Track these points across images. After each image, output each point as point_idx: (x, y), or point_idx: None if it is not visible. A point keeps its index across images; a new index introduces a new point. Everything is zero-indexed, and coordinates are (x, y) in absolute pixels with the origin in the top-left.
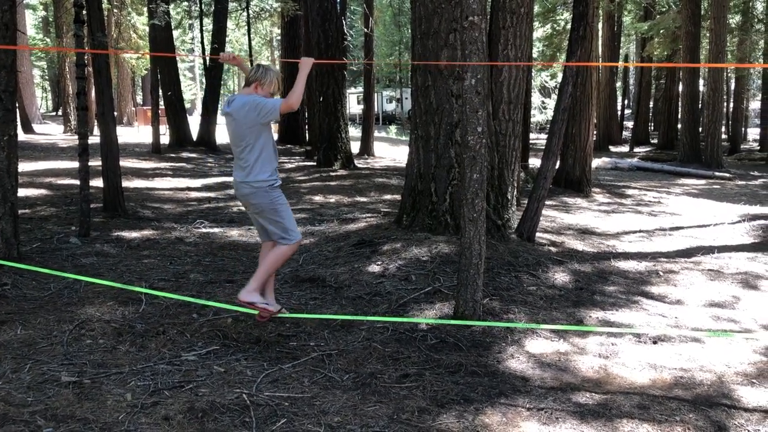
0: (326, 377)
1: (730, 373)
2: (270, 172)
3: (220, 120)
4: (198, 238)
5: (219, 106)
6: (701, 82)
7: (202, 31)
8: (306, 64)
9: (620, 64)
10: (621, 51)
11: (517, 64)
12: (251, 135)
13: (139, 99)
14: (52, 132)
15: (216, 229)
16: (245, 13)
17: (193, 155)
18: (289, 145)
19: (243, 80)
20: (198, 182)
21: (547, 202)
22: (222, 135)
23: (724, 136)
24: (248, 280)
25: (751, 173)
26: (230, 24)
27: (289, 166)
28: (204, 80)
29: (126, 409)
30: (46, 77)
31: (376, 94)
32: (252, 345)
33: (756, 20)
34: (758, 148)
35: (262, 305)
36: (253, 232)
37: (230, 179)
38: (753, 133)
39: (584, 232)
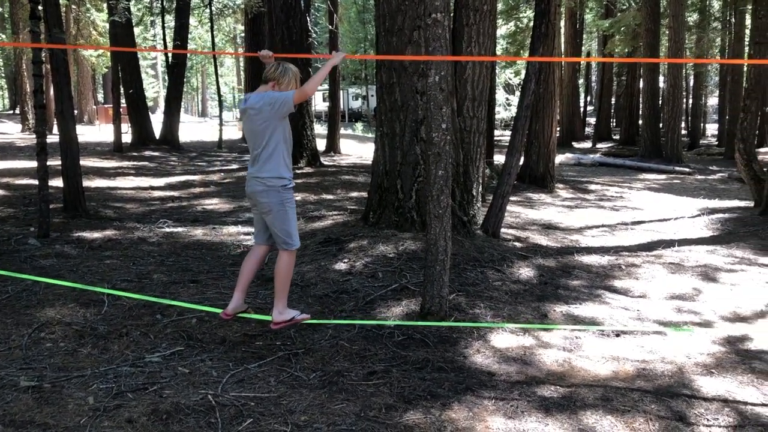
0: (293, 376)
1: (690, 364)
2: (285, 171)
3: (184, 118)
4: (161, 237)
5: (182, 104)
6: (661, 78)
7: (164, 27)
8: (336, 56)
9: (582, 59)
10: (583, 48)
11: (481, 59)
12: (267, 130)
13: (100, 97)
14: (10, 131)
15: (180, 229)
16: (208, 10)
17: (156, 154)
18: None
19: (202, 78)
20: (161, 181)
21: (512, 198)
22: (185, 133)
23: (683, 132)
24: (274, 303)
25: (710, 168)
26: (193, 21)
27: None
28: (167, 78)
29: (88, 413)
30: (2, 75)
31: (341, 92)
32: (217, 345)
33: (713, 18)
34: (716, 143)
35: (299, 317)
36: (217, 231)
37: (194, 178)
38: (711, 128)
39: (548, 227)
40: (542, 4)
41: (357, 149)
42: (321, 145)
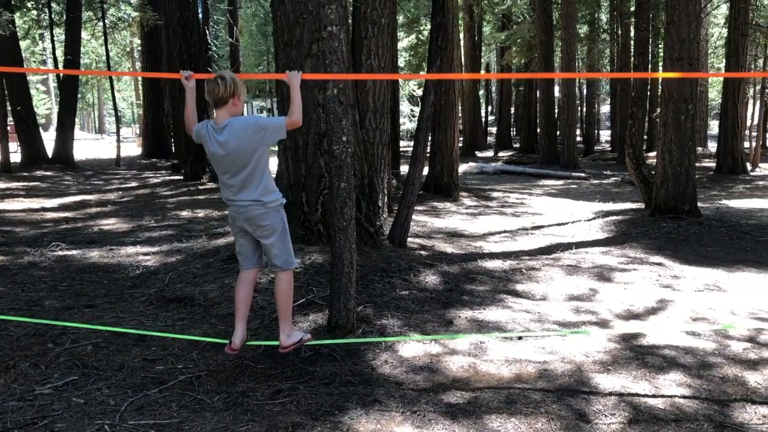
0: (196, 400)
1: (588, 363)
2: (278, 190)
3: (79, 135)
4: (54, 261)
5: (77, 120)
6: (556, 88)
7: (53, 41)
8: (294, 78)
9: (475, 75)
10: (483, 60)
11: (386, 77)
12: (256, 156)
13: None
14: None
15: (74, 252)
16: (101, 23)
17: (49, 173)
18: (154, 159)
19: (98, 93)
20: (54, 202)
21: (418, 208)
22: (81, 151)
23: (579, 139)
24: (279, 328)
25: (604, 172)
26: (85, 34)
27: (155, 180)
28: (59, 93)
29: None
30: None
31: (245, 104)
32: (115, 372)
33: (602, 30)
34: (610, 149)
35: (307, 337)
36: (114, 252)
37: (90, 197)
38: (605, 134)
39: (453, 235)
40: (438, 17)
41: None
42: None
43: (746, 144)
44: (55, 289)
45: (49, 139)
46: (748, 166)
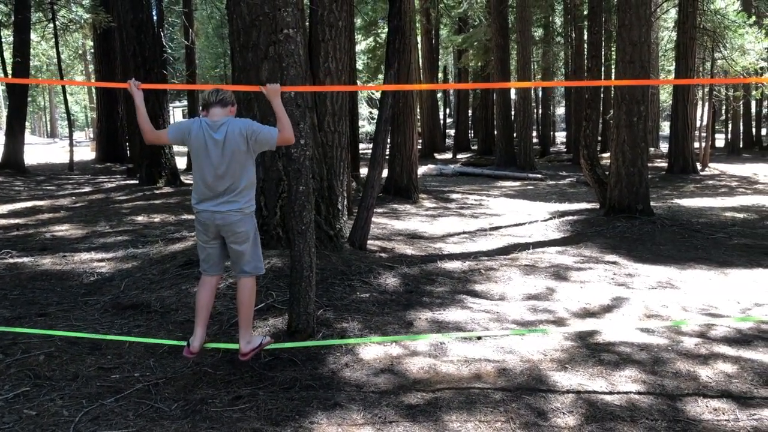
0: (153, 408)
1: (546, 361)
2: (254, 199)
3: (30, 140)
4: (4, 270)
5: (27, 124)
6: (513, 91)
7: (0, 43)
8: (273, 91)
9: (432, 86)
10: (440, 63)
11: (338, 88)
12: (245, 161)
13: None
14: None
15: (25, 259)
16: (52, 25)
17: None
18: (109, 163)
19: (50, 97)
20: (4, 208)
21: (378, 210)
22: (32, 156)
23: (535, 141)
24: (239, 334)
25: (560, 173)
26: (35, 36)
27: (109, 185)
28: (8, 96)
29: None
30: None
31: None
32: (69, 382)
33: (556, 33)
34: (565, 150)
35: (267, 340)
36: (68, 259)
37: (41, 203)
38: (561, 136)
39: (413, 237)
40: (395, 20)
41: None
42: (181, 163)
43: (696, 144)
44: (5, 298)
45: None
46: (699, 166)
